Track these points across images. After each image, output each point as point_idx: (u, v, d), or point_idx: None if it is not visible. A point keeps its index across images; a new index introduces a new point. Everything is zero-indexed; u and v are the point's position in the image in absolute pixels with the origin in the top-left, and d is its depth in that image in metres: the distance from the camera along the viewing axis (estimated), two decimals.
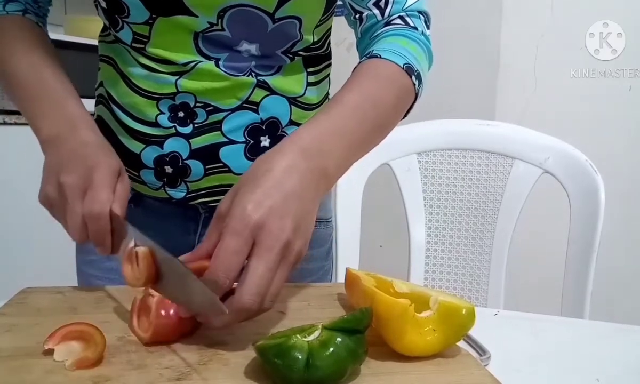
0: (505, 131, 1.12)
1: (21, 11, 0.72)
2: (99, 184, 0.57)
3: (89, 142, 0.62)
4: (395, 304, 0.49)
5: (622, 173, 1.97)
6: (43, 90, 0.66)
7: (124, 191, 0.61)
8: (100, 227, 0.57)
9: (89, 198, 0.57)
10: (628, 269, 2.01)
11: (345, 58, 0.81)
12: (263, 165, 0.54)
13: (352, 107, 0.61)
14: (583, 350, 0.62)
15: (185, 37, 0.68)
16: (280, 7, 0.66)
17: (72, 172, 0.58)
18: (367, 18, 0.72)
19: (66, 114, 0.64)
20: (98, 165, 0.59)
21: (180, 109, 0.70)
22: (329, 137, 0.57)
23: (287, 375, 0.42)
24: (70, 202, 0.58)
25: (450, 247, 1.16)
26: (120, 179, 0.61)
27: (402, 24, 0.71)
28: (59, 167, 0.59)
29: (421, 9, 0.74)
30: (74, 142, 0.61)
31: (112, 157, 0.62)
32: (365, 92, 0.63)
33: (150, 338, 0.50)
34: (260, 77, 0.71)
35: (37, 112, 0.66)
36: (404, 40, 0.69)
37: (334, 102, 0.61)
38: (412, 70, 0.67)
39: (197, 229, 0.78)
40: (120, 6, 0.66)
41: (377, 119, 0.63)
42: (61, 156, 0.60)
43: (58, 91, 0.67)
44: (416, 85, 0.68)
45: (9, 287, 0.65)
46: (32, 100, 0.67)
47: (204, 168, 0.72)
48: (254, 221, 0.49)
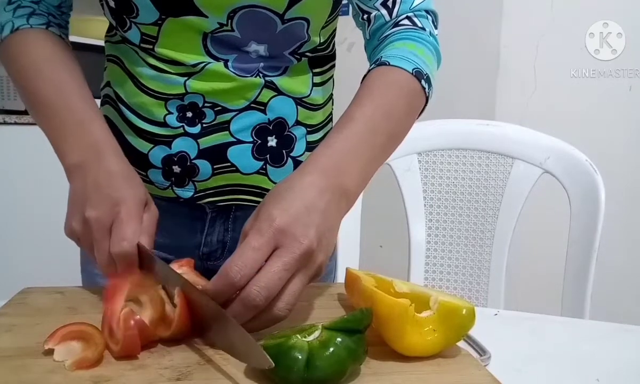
0: (505, 131, 1.12)
1: (44, 24, 0.71)
2: (125, 220, 0.57)
3: (114, 172, 0.61)
4: (396, 304, 0.49)
5: (622, 173, 1.97)
6: (68, 113, 0.64)
7: (151, 220, 0.60)
8: (127, 263, 0.57)
9: (115, 236, 0.56)
10: (628, 269, 2.01)
11: (345, 58, 0.81)
12: (284, 184, 0.55)
13: (366, 122, 0.61)
14: (583, 350, 0.62)
15: (194, 38, 0.68)
16: (290, 8, 0.66)
17: (97, 207, 0.57)
18: (375, 19, 0.73)
19: (91, 139, 0.63)
20: (123, 199, 0.58)
21: (188, 109, 0.70)
22: (346, 156, 0.58)
23: (287, 375, 0.42)
24: (97, 239, 0.57)
25: (450, 247, 1.16)
26: (146, 208, 0.61)
27: (410, 24, 0.72)
28: (83, 200, 0.58)
29: (429, 8, 0.74)
30: (99, 171, 0.60)
31: (137, 187, 0.61)
32: (377, 104, 0.63)
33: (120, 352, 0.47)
34: (267, 78, 0.72)
35: (62, 136, 0.64)
36: (412, 45, 0.69)
37: (348, 119, 0.62)
38: (421, 74, 0.67)
39: (204, 228, 0.78)
40: (129, 6, 0.66)
41: (390, 130, 0.64)
42: (86, 188, 0.59)
43: (82, 114, 0.65)
44: (426, 89, 0.68)
45: (9, 287, 0.65)
46: (56, 123, 0.65)
47: (212, 168, 0.72)
48: (279, 224, 0.50)
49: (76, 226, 0.59)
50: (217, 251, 0.79)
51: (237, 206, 0.77)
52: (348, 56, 0.80)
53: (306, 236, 0.50)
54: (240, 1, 0.65)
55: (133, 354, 0.47)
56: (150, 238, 0.59)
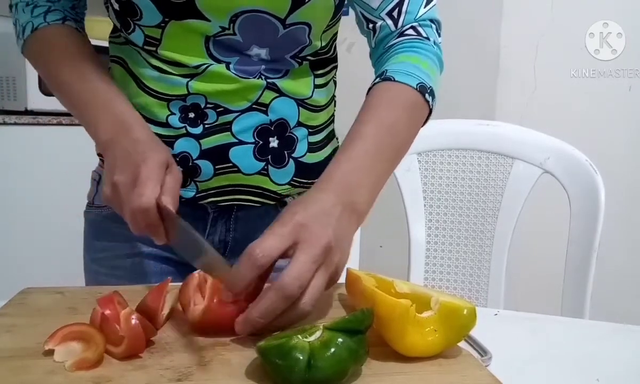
0: (505, 131, 1.12)
1: (61, 20, 0.74)
2: (145, 179, 0.59)
3: (139, 139, 0.64)
4: (397, 304, 0.49)
5: (622, 173, 1.97)
6: (93, 96, 0.69)
7: (173, 181, 0.62)
8: (149, 220, 0.58)
9: (135, 194, 0.58)
10: (628, 269, 2.01)
11: (345, 58, 0.81)
12: (297, 200, 0.57)
13: (373, 139, 0.63)
14: (583, 350, 0.62)
15: (197, 41, 0.69)
16: (291, 13, 0.67)
17: (123, 171, 0.61)
18: (381, 28, 0.74)
19: (117, 115, 0.67)
20: (144, 160, 0.60)
21: (190, 110, 0.71)
22: (355, 175, 0.60)
23: (288, 376, 0.42)
24: (124, 199, 0.60)
25: (450, 247, 1.16)
26: (168, 170, 0.62)
27: (415, 35, 0.73)
28: (113, 168, 0.62)
29: (433, 17, 0.75)
30: (126, 142, 0.64)
31: (159, 151, 0.63)
32: (384, 122, 0.65)
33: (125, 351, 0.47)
34: (269, 80, 0.72)
35: (92, 119, 0.68)
36: (416, 58, 0.71)
37: (356, 137, 0.64)
38: (425, 88, 0.68)
39: (206, 227, 0.78)
40: (133, 9, 0.67)
41: (397, 146, 0.67)
42: (115, 157, 0.63)
43: (107, 94, 0.69)
44: (430, 102, 0.70)
45: (9, 287, 0.65)
46: (85, 108, 0.69)
47: (214, 168, 0.73)
48: (300, 219, 0.53)
49: (108, 192, 0.62)
50: (219, 251, 0.80)
51: (239, 206, 0.77)
52: (348, 56, 0.79)
53: (325, 233, 0.53)
54: (242, 5, 0.66)
55: (137, 352, 0.47)
56: (172, 198, 0.60)
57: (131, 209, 0.58)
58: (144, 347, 0.48)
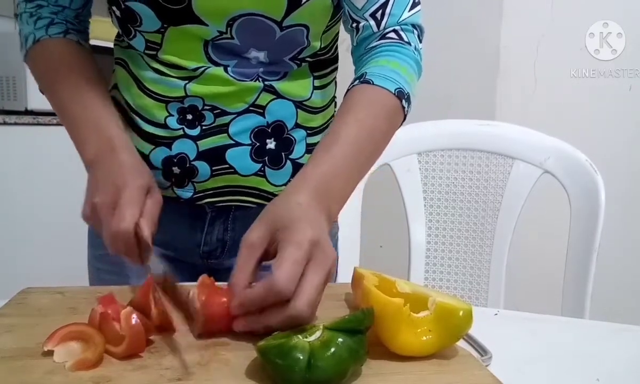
0: (505, 131, 1.12)
1: (63, 33, 0.74)
2: (124, 203, 0.59)
3: (123, 162, 0.64)
4: (389, 303, 0.49)
5: (622, 173, 1.97)
6: (84, 115, 0.69)
7: (153, 206, 0.63)
8: (126, 243, 0.59)
9: (115, 217, 0.59)
10: (628, 269, 2.01)
11: (345, 58, 0.81)
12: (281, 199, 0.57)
13: (352, 143, 0.64)
14: (583, 350, 0.62)
15: (196, 45, 0.69)
16: (288, 15, 0.67)
17: (104, 193, 0.61)
18: (364, 29, 0.73)
19: (106, 137, 0.67)
20: (126, 184, 0.61)
21: (188, 112, 0.72)
22: (333, 178, 0.61)
23: (289, 376, 0.42)
24: (103, 221, 0.60)
25: (450, 247, 1.16)
26: (149, 195, 0.63)
27: (397, 38, 0.73)
28: (95, 189, 0.63)
29: (415, 22, 0.75)
30: (110, 164, 0.64)
31: (141, 175, 0.64)
32: (362, 125, 0.66)
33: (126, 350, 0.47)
34: (267, 82, 0.72)
35: (81, 137, 0.69)
36: (395, 63, 0.71)
37: (334, 138, 0.64)
38: (402, 94, 0.69)
39: (204, 227, 0.79)
40: (133, 16, 0.68)
41: (372, 149, 0.67)
42: (97, 178, 0.64)
43: (98, 113, 0.69)
44: (405, 108, 0.70)
45: (9, 287, 0.65)
46: (75, 125, 0.70)
47: (211, 169, 0.73)
48: (311, 235, 0.52)
49: (87, 211, 0.63)
50: (217, 250, 0.80)
51: (237, 207, 0.77)
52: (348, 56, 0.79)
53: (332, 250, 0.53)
54: (238, 9, 0.66)
55: (138, 352, 0.47)
56: (151, 221, 0.61)
57: (110, 232, 0.59)
58: (144, 347, 0.48)
